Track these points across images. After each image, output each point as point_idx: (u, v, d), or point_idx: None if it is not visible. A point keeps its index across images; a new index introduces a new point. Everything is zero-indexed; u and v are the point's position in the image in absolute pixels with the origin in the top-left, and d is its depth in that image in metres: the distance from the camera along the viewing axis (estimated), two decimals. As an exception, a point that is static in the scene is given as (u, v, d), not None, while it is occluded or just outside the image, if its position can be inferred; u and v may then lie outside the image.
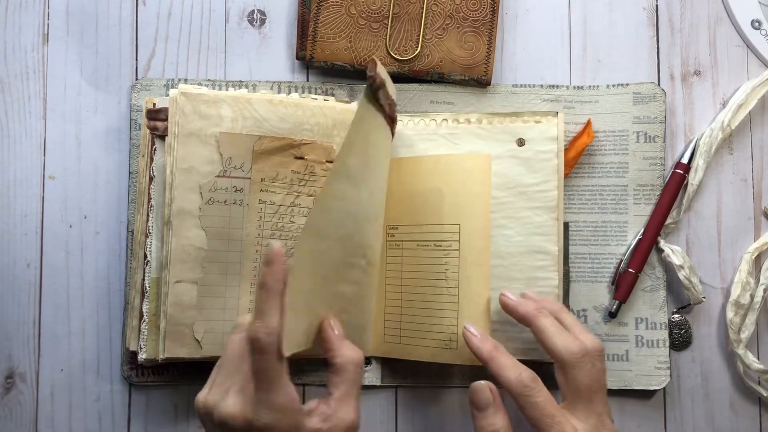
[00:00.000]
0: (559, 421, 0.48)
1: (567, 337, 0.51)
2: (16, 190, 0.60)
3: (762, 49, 0.62)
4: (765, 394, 0.59)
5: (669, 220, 0.60)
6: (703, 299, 0.59)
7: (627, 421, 0.60)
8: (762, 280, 0.60)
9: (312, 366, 0.59)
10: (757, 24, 0.62)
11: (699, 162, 0.60)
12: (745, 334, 0.59)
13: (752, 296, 0.60)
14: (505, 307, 0.54)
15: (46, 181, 0.60)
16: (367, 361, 0.59)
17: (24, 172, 0.60)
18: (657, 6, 0.62)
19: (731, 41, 0.62)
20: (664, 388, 0.59)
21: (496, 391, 0.50)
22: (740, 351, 0.59)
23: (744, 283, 0.59)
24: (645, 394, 0.60)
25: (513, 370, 0.50)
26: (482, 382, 0.50)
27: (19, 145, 0.60)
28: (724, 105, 0.61)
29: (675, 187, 0.59)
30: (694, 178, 0.60)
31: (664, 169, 0.60)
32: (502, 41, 0.62)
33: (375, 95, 0.50)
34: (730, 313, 0.59)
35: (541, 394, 0.49)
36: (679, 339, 0.60)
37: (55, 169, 0.60)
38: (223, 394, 0.44)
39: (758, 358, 0.60)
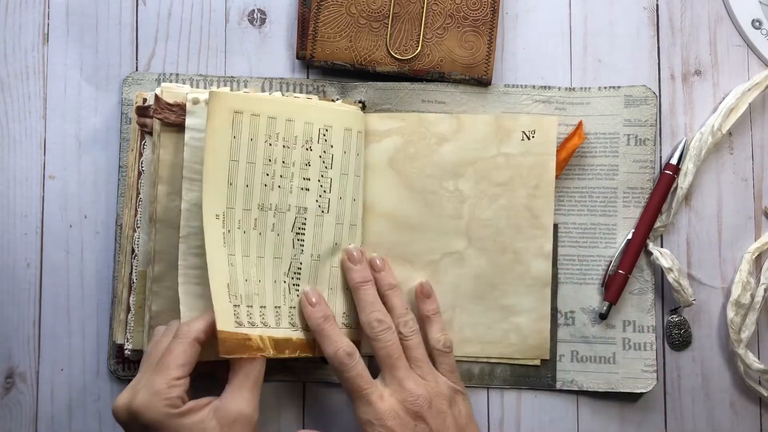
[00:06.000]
0: (367, 391, 0.51)
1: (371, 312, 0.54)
2: (16, 190, 0.60)
3: (762, 48, 0.62)
4: (765, 394, 0.59)
5: (658, 224, 0.59)
6: (693, 302, 0.59)
7: (627, 420, 0.60)
8: (762, 279, 0.60)
9: (310, 364, 0.59)
10: (757, 23, 0.62)
11: (689, 166, 0.59)
12: (745, 334, 0.59)
13: (753, 296, 0.60)
14: (343, 264, 0.57)
15: (46, 181, 0.60)
16: None
17: (24, 172, 0.60)
18: (657, 5, 0.62)
19: (732, 41, 0.62)
20: (664, 389, 0.60)
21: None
22: (741, 351, 0.59)
23: (744, 283, 0.59)
24: (633, 397, 0.60)
25: (332, 344, 0.53)
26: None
27: (19, 145, 0.60)
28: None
29: (664, 189, 0.59)
30: (683, 182, 0.59)
31: (654, 173, 0.60)
32: (503, 41, 0.62)
33: None
34: (730, 313, 0.59)
35: (354, 369, 0.52)
36: (679, 339, 0.60)
37: (55, 169, 0.60)
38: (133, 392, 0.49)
39: (759, 358, 0.60)
